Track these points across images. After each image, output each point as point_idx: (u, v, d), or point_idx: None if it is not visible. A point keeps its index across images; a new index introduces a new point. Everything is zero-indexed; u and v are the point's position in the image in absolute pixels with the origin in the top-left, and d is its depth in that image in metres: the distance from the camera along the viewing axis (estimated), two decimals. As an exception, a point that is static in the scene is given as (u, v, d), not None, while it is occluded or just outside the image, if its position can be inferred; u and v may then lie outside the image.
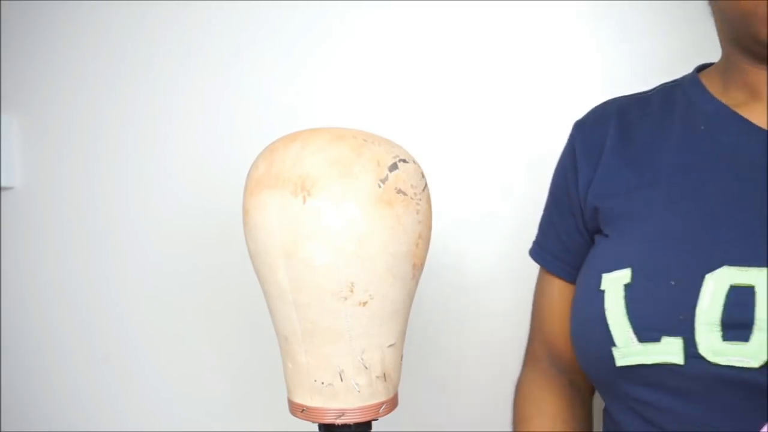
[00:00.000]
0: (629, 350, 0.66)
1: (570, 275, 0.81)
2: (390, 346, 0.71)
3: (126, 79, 1.24)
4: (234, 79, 1.18)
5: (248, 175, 0.74)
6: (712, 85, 0.74)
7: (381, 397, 0.74)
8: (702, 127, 0.71)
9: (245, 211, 0.73)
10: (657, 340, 0.64)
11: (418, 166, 0.75)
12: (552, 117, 1.07)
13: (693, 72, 0.77)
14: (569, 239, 0.81)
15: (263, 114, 1.16)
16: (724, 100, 0.72)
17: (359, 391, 0.72)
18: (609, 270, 0.69)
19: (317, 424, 0.74)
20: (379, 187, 0.70)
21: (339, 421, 0.72)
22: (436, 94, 1.10)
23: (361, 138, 0.72)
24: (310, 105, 1.15)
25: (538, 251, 0.86)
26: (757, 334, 0.59)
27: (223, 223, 1.15)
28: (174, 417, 1.24)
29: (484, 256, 1.10)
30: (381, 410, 0.74)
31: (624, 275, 0.67)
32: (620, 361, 0.66)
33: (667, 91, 0.78)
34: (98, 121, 1.26)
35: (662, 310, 0.64)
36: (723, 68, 0.74)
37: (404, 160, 0.72)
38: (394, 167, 0.71)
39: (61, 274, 1.29)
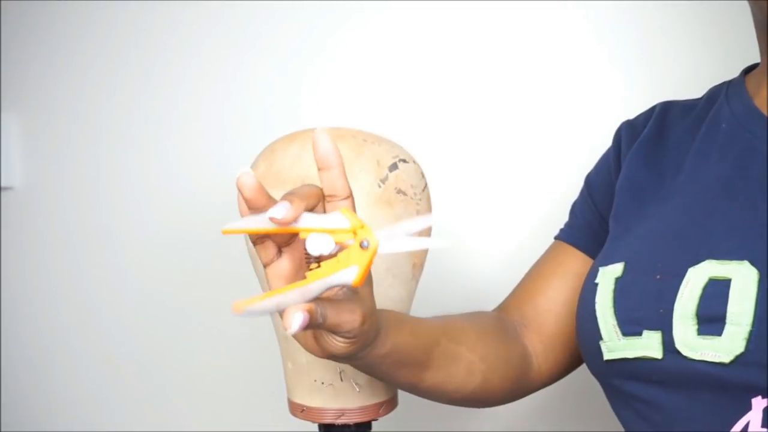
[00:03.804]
0: (614, 344, 0.66)
1: (592, 252, 0.78)
2: (390, 346, 0.71)
3: (126, 78, 1.24)
4: (234, 79, 1.18)
5: (248, 175, 0.74)
6: (751, 84, 0.73)
7: (381, 397, 0.74)
8: (723, 125, 0.70)
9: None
10: (639, 334, 0.64)
11: (418, 166, 0.74)
12: (553, 117, 1.07)
13: (741, 72, 0.76)
14: (601, 229, 0.79)
15: (263, 114, 1.16)
16: (756, 100, 0.71)
17: (359, 391, 0.72)
18: (606, 264, 0.69)
19: (317, 424, 0.74)
20: (379, 187, 0.69)
21: (339, 421, 0.72)
22: (436, 94, 1.10)
23: (360, 138, 0.72)
24: (310, 105, 1.15)
25: (569, 232, 0.82)
26: (730, 328, 0.58)
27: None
28: (174, 417, 1.24)
29: (485, 255, 1.10)
30: (381, 410, 0.74)
31: (617, 269, 0.68)
32: (607, 354, 0.66)
33: (713, 92, 0.77)
34: (99, 121, 1.26)
35: (644, 304, 0.64)
36: (760, 68, 0.73)
37: (404, 160, 0.72)
38: (394, 167, 0.71)
39: (61, 274, 1.29)
